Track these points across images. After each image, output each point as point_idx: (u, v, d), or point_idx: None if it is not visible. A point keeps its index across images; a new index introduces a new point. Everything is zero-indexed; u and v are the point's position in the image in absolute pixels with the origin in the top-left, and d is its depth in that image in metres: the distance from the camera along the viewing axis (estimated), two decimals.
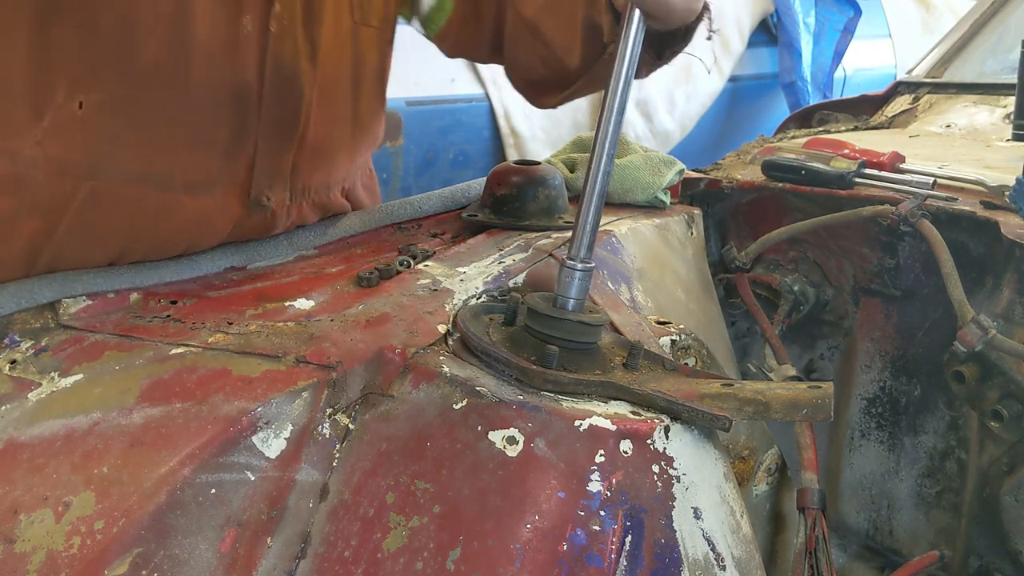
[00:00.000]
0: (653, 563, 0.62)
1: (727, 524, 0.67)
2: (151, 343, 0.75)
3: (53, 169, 0.78)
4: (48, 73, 0.76)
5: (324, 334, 0.75)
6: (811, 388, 0.68)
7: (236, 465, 0.65)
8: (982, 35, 1.90)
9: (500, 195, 1.07)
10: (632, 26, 0.72)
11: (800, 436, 1.05)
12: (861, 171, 1.27)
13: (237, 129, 0.87)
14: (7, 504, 0.62)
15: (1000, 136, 1.58)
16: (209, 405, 0.67)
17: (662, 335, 0.84)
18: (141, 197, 0.83)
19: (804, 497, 0.97)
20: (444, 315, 0.80)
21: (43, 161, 0.78)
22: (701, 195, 1.33)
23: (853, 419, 1.32)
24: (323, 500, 0.67)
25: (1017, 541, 1.10)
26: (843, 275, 1.31)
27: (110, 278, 0.82)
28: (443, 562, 0.61)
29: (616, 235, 1.05)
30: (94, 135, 0.79)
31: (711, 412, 0.65)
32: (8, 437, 0.67)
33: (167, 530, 0.61)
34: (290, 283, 0.89)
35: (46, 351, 0.75)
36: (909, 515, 1.27)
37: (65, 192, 0.80)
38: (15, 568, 0.60)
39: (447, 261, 0.94)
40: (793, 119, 1.94)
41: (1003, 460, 1.12)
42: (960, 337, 1.01)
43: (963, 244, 1.14)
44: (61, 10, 0.75)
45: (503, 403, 0.66)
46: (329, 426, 0.70)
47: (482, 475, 0.64)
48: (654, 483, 0.64)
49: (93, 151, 0.79)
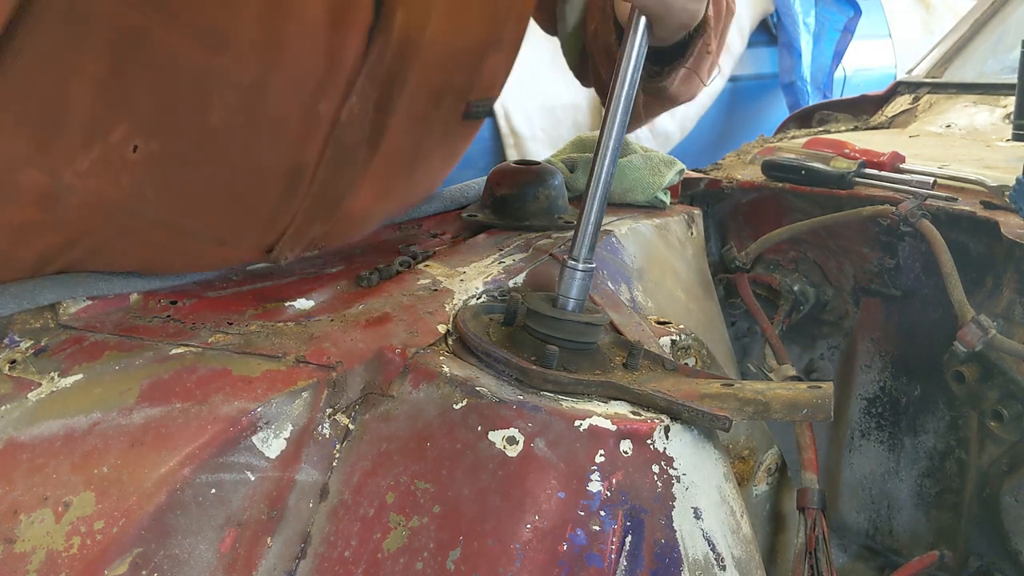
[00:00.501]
0: (653, 563, 0.62)
1: (727, 524, 0.67)
2: (151, 343, 0.75)
3: (88, 201, 0.75)
4: (111, 109, 0.72)
5: (324, 334, 0.75)
6: (811, 388, 0.68)
7: (236, 465, 0.65)
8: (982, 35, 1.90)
9: (500, 195, 1.07)
10: (638, 29, 0.73)
11: (800, 436, 1.05)
12: (861, 171, 1.26)
13: (283, 202, 0.85)
14: (7, 504, 0.62)
15: (1000, 136, 1.58)
16: (209, 405, 0.67)
17: (662, 335, 0.84)
18: (167, 241, 0.82)
19: (804, 497, 0.97)
20: (444, 315, 0.80)
21: (80, 191, 0.74)
22: (701, 195, 1.33)
23: (853, 419, 1.32)
24: (323, 500, 0.67)
25: (1017, 541, 1.10)
26: (843, 275, 1.31)
27: (112, 282, 0.82)
28: (443, 562, 0.61)
29: (616, 235, 1.05)
30: (140, 181, 0.76)
31: (711, 412, 0.65)
32: (8, 437, 0.66)
33: (167, 530, 0.61)
34: (290, 283, 0.89)
35: (46, 351, 0.75)
36: (909, 515, 1.27)
37: (94, 223, 0.77)
38: (15, 568, 0.60)
39: (447, 261, 0.94)
40: (793, 119, 1.93)
41: (1003, 460, 1.12)
42: (960, 337, 1.01)
43: (963, 244, 1.14)
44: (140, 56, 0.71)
45: (503, 403, 0.66)
46: (329, 426, 0.70)
47: (482, 475, 0.64)
48: (654, 483, 0.64)
49: (134, 195, 0.76)
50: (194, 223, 0.82)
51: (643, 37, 0.73)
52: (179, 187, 0.78)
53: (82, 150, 0.73)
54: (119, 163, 0.74)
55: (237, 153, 0.79)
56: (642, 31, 0.73)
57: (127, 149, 0.73)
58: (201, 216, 0.82)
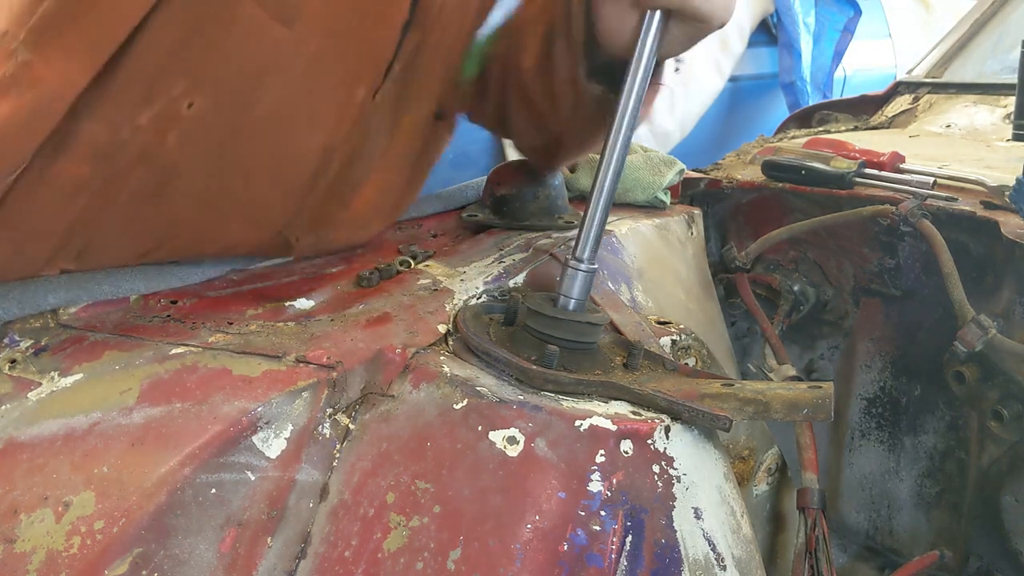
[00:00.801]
0: (653, 563, 0.62)
1: (727, 524, 0.67)
2: (151, 343, 0.75)
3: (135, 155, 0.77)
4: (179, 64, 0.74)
5: (324, 334, 0.75)
6: (811, 388, 0.68)
7: (236, 465, 0.65)
8: (982, 35, 1.90)
9: (500, 195, 1.07)
10: (651, 29, 0.73)
11: (800, 436, 1.05)
12: (861, 171, 1.26)
13: (309, 182, 0.87)
14: (7, 504, 0.62)
15: (1000, 136, 1.58)
16: (209, 405, 0.67)
17: (662, 335, 0.84)
18: (191, 209, 0.83)
19: (804, 497, 0.97)
20: (444, 315, 0.80)
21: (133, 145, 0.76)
22: (701, 195, 1.33)
23: (853, 419, 1.32)
24: (323, 500, 0.67)
25: (1017, 541, 1.10)
26: (843, 275, 1.31)
27: (115, 283, 0.82)
28: (443, 562, 0.61)
29: (616, 235, 1.05)
30: (187, 141, 0.78)
31: (711, 412, 0.65)
32: (8, 437, 0.66)
33: (167, 530, 0.61)
34: (290, 283, 0.89)
35: (46, 351, 0.75)
36: (909, 515, 1.27)
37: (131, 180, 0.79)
38: (15, 568, 0.60)
39: (447, 261, 0.94)
40: (793, 119, 1.94)
41: (1003, 460, 1.12)
42: (960, 337, 1.01)
43: (963, 244, 1.14)
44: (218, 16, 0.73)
45: (503, 403, 0.66)
46: (329, 426, 0.70)
47: (482, 475, 0.64)
48: (654, 483, 0.64)
49: (177, 156, 0.78)
50: (224, 196, 0.84)
51: (655, 38, 0.73)
52: (221, 153, 0.80)
53: (145, 103, 0.74)
54: (172, 118, 0.76)
55: (281, 127, 0.82)
56: (655, 31, 0.73)
57: (183, 104, 0.75)
58: (233, 188, 0.83)
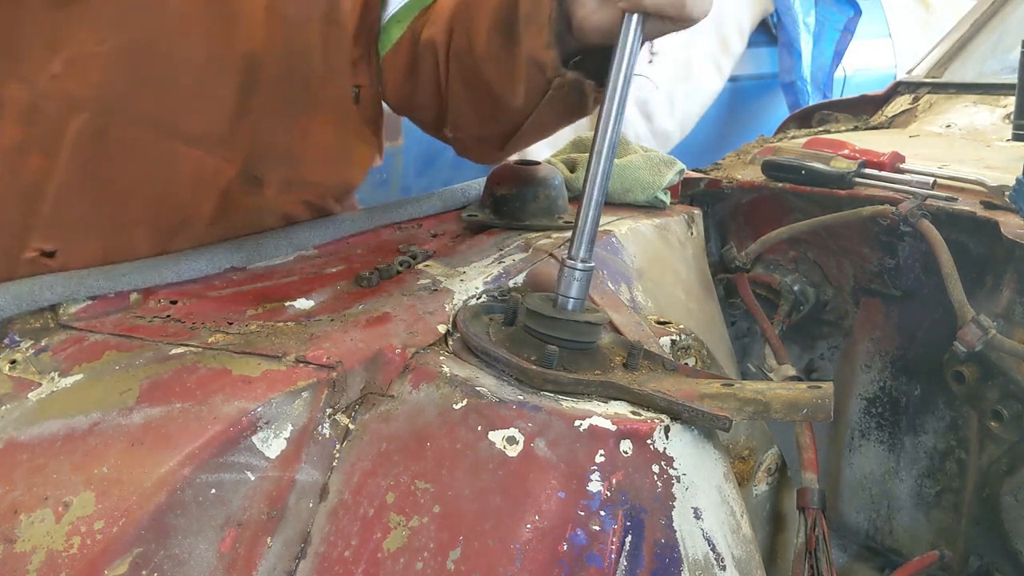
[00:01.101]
0: (653, 563, 0.62)
1: (727, 524, 0.67)
2: (151, 343, 0.75)
3: (64, 104, 0.80)
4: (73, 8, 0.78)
5: (324, 334, 0.75)
6: (811, 388, 0.68)
7: (236, 465, 0.65)
8: (982, 35, 1.90)
9: (500, 195, 1.07)
10: (630, 29, 0.73)
11: (800, 436, 1.05)
12: (861, 171, 1.26)
13: (245, 92, 0.89)
14: (7, 504, 0.62)
15: (1000, 136, 1.58)
16: (209, 405, 0.67)
17: (662, 335, 0.84)
18: (142, 140, 0.86)
19: (804, 497, 0.97)
20: (444, 315, 0.80)
21: (56, 96, 0.80)
22: (701, 195, 1.33)
23: (853, 419, 1.32)
24: (323, 500, 0.67)
25: (1017, 541, 1.10)
26: (843, 275, 1.31)
27: (112, 279, 0.82)
28: (443, 562, 0.61)
29: (616, 235, 1.05)
30: (110, 75, 0.81)
31: (711, 412, 0.65)
32: (8, 437, 0.66)
33: (167, 530, 0.61)
34: (290, 283, 0.89)
35: (46, 351, 0.75)
36: (909, 515, 1.27)
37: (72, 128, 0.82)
38: (15, 568, 0.60)
39: (447, 261, 0.94)
40: (793, 119, 1.93)
41: (1003, 460, 1.12)
42: (960, 337, 1.01)
43: (963, 244, 1.14)
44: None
45: (503, 403, 0.66)
46: (329, 426, 0.70)
47: (482, 475, 0.64)
48: (654, 483, 0.64)
49: (107, 90, 0.82)
50: (165, 116, 0.86)
51: (636, 37, 0.73)
52: (146, 76, 0.83)
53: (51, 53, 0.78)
54: (89, 60, 0.80)
55: (199, 39, 0.85)
56: (635, 31, 0.73)
57: (95, 46, 0.79)
58: (171, 107, 0.86)
